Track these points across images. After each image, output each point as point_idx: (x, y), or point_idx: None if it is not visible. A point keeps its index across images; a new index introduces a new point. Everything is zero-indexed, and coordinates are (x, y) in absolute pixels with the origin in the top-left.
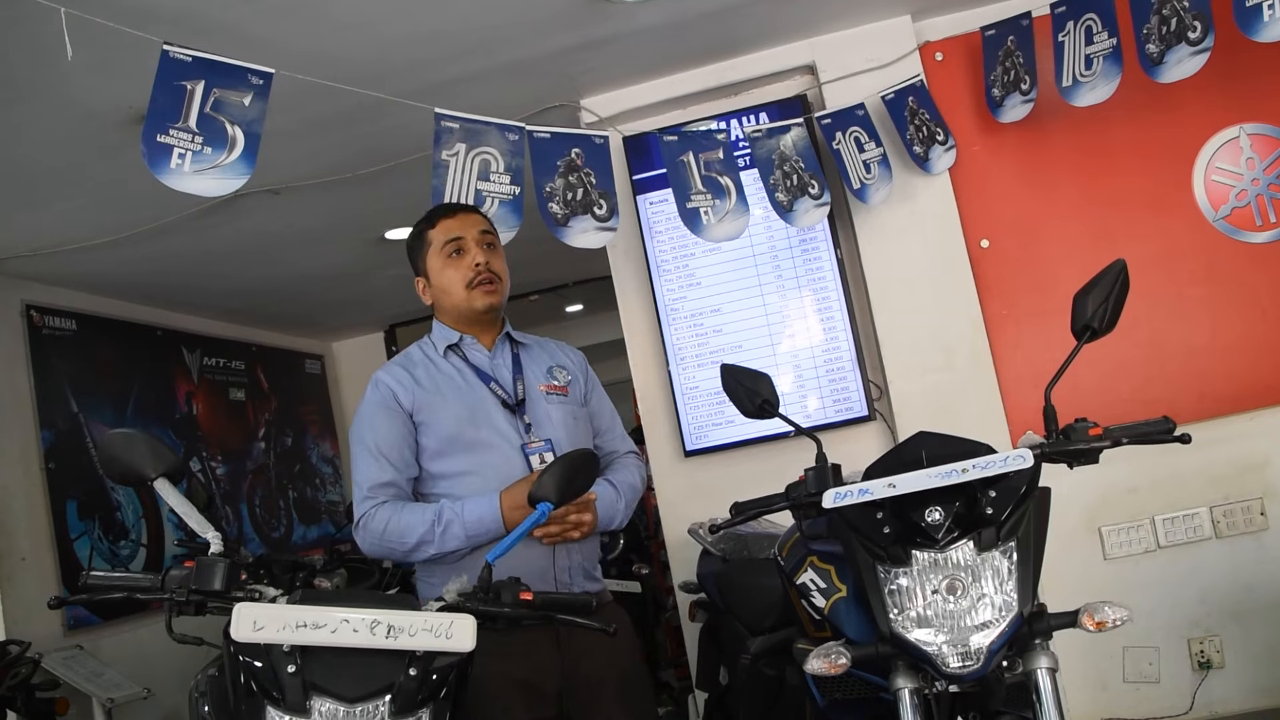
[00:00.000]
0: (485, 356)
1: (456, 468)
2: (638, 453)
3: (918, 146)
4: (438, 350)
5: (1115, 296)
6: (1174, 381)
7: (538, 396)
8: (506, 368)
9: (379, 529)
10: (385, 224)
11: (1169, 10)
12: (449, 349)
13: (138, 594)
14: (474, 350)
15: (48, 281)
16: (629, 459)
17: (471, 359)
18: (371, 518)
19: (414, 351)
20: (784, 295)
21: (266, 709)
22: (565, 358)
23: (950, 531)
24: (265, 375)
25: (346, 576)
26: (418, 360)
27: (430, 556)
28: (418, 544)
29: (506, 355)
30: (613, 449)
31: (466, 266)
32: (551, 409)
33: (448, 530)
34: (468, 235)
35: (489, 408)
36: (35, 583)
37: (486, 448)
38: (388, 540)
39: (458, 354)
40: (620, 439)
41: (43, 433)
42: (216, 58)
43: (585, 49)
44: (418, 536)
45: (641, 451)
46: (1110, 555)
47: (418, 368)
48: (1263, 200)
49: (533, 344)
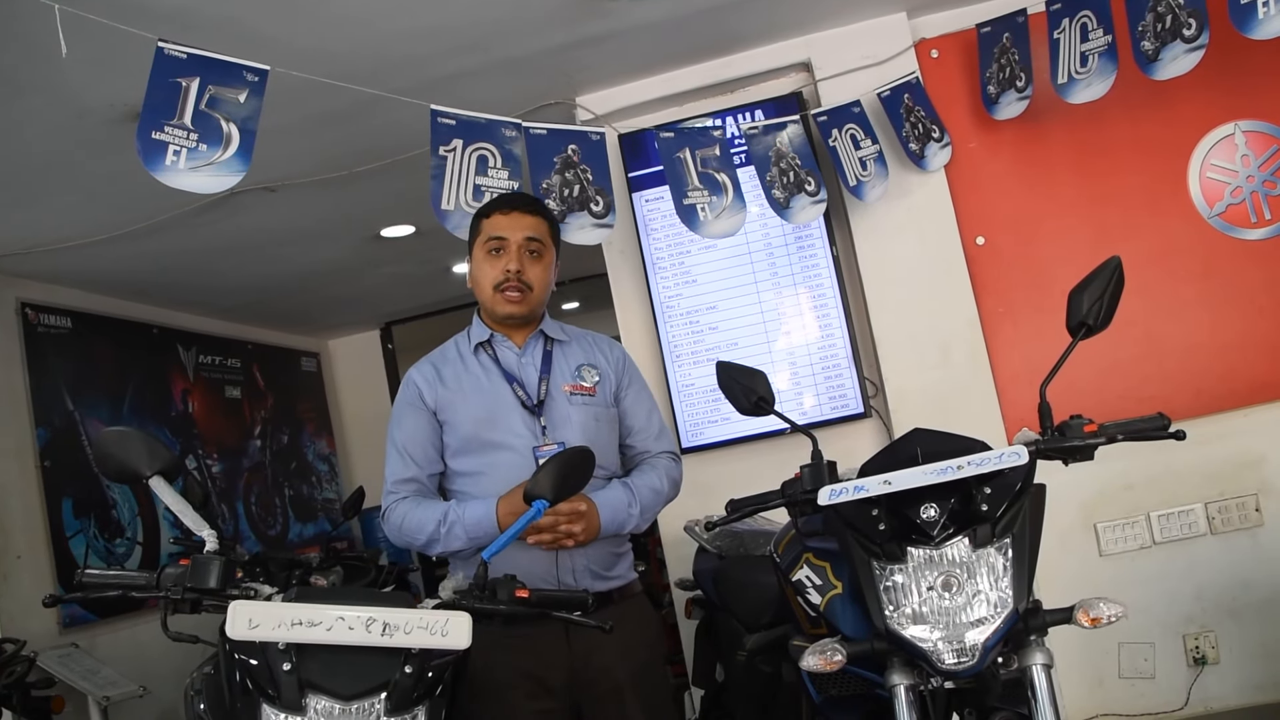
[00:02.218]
0: (514, 355)
1: (472, 467)
2: (674, 454)
3: (913, 144)
4: (470, 346)
5: (1110, 293)
6: (1169, 378)
7: (560, 397)
8: (534, 367)
9: (398, 522)
10: (381, 221)
11: (1164, 7)
12: (479, 346)
13: (133, 592)
14: (504, 348)
15: (43, 279)
16: (660, 460)
17: (500, 358)
18: (393, 511)
19: (449, 347)
20: (780, 292)
21: (262, 707)
22: (600, 355)
23: (946, 528)
24: (261, 373)
25: (342, 574)
26: (450, 357)
27: (440, 553)
28: (428, 541)
29: (537, 354)
30: (644, 449)
31: (500, 269)
32: (573, 410)
33: (451, 531)
34: (511, 237)
35: (508, 409)
36: (31, 581)
37: (500, 449)
38: (405, 534)
39: (487, 352)
40: (654, 438)
41: (38, 431)
42: (212, 54)
43: (582, 46)
44: (427, 535)
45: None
46: (1106, 551)
47: (447, 365)
48: (1257, 197)
49: (571, 340)
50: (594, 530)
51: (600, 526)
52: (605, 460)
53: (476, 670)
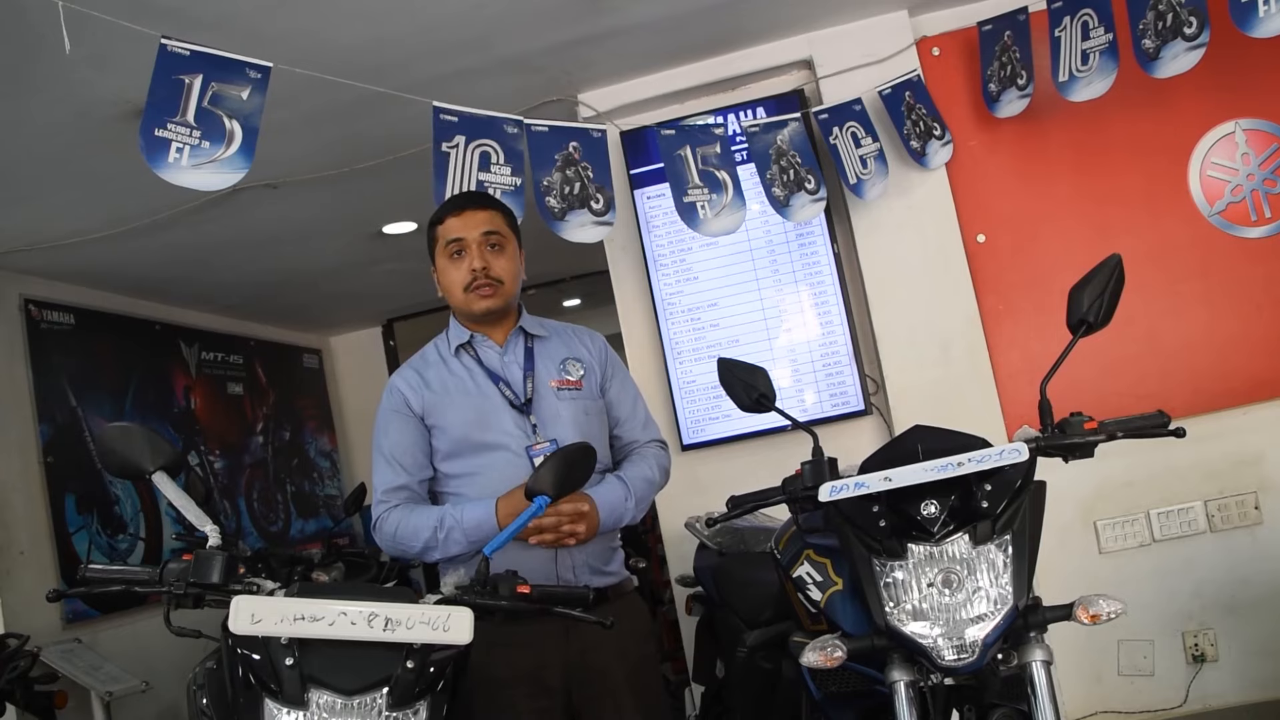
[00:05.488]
0: (497, 354)
1: (464, 469)
2: (662, 441)
3: (914, 141)
4: (450, 349)
5: (1110, 291)
6: (1169, 376)
7: (547, 394)
8: (518, 365)
9: (391, 531)
10: (383, 218)
11: (1165, 6)
12: (460, 348)
13: (136, 587)
14: (485, 348)
15: (46, 275)
16: (648, 449)
17: (483, 358)
18: (385, 520)
19: (430, 351)
20: (781, 290)
21: (264, 701)
22: (582, 348)
23: (946, 525)
24: (263, 370)
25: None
26: (431, 361)
27: (438, 559)
28: (424, 548)
29: (519, 351)
30: (632, 439)
31: (465, 270)
32: (561, 406)
33: (449, 536)
34: (469, 236)
35: (497, 410)
36: (34, 576)
37: (493, 449)
38: (399, 543)
39: (469, 353)
40: (641, 427)
41: (41, 427)
42: (214, 51)
43: (583, 43)
44: (423, 541)
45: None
46: (1105, 549)
47: (430, 369)
48: (1258, 195)
49: (551, 334)
50: (595, 528)
51: (600, 524)
52: (598, 454)
53: (476, 666)
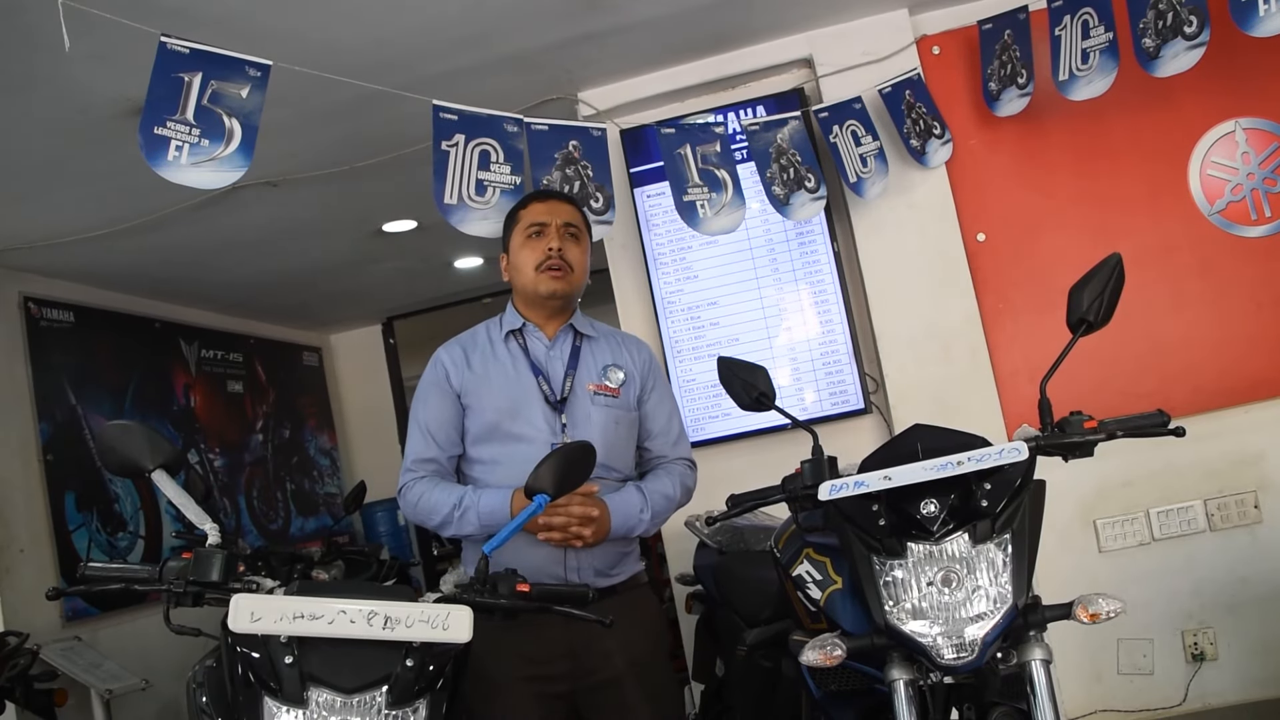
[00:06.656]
0: (544, 347)
1: (490, 455)
2: (691, 461)
3: (914, 140)
4: (501, 333)
5: (1110, 290)
6: (1169, 375)
7: (583, 395)
8: (561, 361)
9: (414, 501)
10: (383, 216)
11: (1165, 5)
12: (510, 334)
13: (136, 585)
14: (534, 339)
15: (45, 273)
16: (675, 466)
17: (530, 348)
18: (410, 489)
19: (479, 331)
20: (781, 289)
21: (264, 699)
22: (626, 356)
23: (945, 524)
24: (263, 368)
25: (344, 568)
26: (480, 342)
27: (452, 535)
28: (441, 523)
29: (565, 348)
30: (661, 454)
31: (540, 250)
32: (594, 410)
33: (464, 516)
34: (551, 221)
35: (532, 402)
36: (34, 574)
37: (519, 440)
38: (419, 513)
39: (518, 341)
40: (672, 444)
41: (41, 425)
42: (214, 49)
43: (583, 42)
44: (441, 516)
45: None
46: (1105, 548)
47: (476, 350)
48: (1258, 194)
49: (600, 337)
50: (603, 533)
51: (610, 530)
52: (621, 463)
53: (478, 660)
